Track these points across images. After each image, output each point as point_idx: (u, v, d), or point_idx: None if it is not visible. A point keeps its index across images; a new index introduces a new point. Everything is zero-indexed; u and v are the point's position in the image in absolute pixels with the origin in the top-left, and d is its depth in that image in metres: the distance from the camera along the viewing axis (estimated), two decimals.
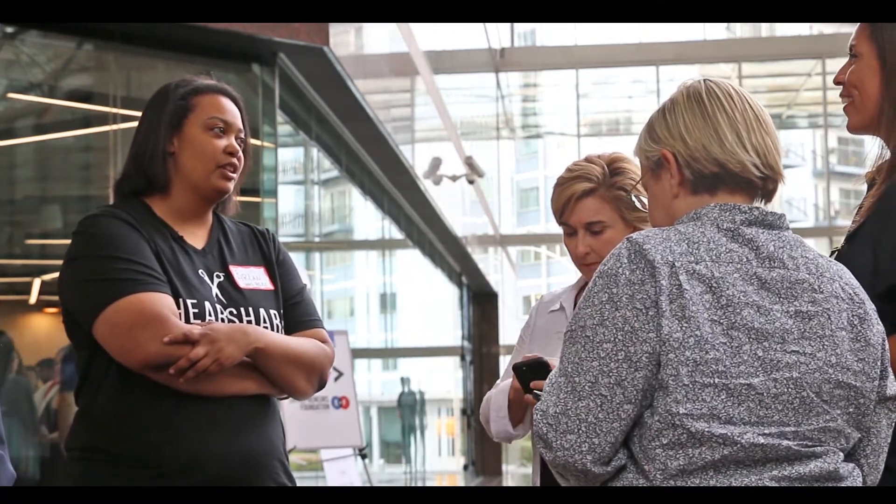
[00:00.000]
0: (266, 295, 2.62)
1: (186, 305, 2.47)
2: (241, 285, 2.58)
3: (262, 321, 2.56)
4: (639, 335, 1.79)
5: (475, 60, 19.76)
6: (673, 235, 1.86)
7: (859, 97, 2.35)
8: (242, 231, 2.73)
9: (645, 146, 1.99)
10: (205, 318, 2.47)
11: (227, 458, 2.44)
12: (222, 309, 2.52)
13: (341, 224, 14.57)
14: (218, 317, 2.49)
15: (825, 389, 1.83)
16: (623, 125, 25.38)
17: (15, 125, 8.21)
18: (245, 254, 2.67)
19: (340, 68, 8.02)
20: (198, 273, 2.55)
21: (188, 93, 2.64)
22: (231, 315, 2.52)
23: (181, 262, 2.54)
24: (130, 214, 2.55)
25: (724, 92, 1.95)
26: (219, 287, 2.56)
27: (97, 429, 2.48)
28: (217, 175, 2.59)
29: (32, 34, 7.12)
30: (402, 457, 19.82)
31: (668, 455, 1.79)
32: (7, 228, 8.31)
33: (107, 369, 2.49)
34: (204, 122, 2.60)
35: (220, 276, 2.58)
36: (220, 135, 2.60)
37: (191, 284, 2.51)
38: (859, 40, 2.36)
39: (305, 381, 2.56)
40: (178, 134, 2.61)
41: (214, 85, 2.67)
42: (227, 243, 2.66)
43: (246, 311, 2.55)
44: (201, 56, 7.46)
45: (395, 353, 20.30)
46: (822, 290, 1.87)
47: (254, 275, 2.63)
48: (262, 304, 2.58)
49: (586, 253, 2.66)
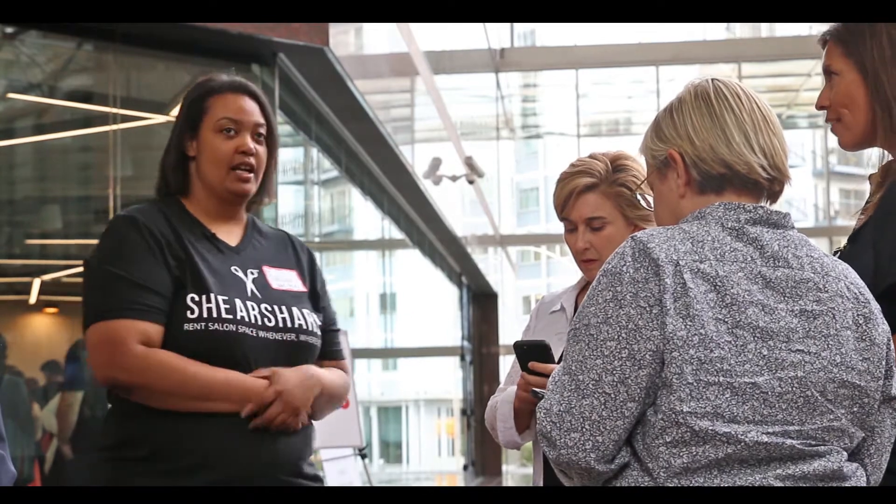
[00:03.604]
0: (298, 295, 2.64)
1: (217, 301, 2.50)
2: (274, 286, 2.61)
3: (297, 319, 2.59)
4: (642, 333, 1.79)
5: (475, 60, 19.76)
6: (677, 234, 1.85)
7: (849, 114, 2.33)
8: (277, 236, 2.76)
9: (651, 145, 1.99)
10: (236, 314, 2.50)
11: (237, 459, 2.46)
12: (255, 305, 2.54)
13: (341, 224, 14.57)
14: (250, 313, 2.52)
15: (829, 389, 1.83)
16: (623, 125, 25.39)
17: (15, 125, 8.21)
18: (277, 257, 2.69)
19: (340, 68, 8.02)
20: (231, 269, 2.58)
21: (203, 95, 2.65)
22: (267, 311, 2.54)
23: (214, 259, 2.57)
24: (163, 214, 2.59)
25: (733, 92, 1.94)
26: (254, 283, 2.59)
27: (122, 425, 2.54)
28: (231, 178, 2.61)
29: (32, 34, 7.12)
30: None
31: (672, 453, 1.79)
32: (7, 228, 8.31)
33: None
34: (215, 125, 2.62)
35: (254, 272, 2.60)
36: (231, 136, 2.61)
37: (223, 280, 2.54)
38: (833, 60, 2.34)
39: (328, 412, 2.68)
40: (196, 138, 2.63)
41: (229, 83, 2.67)
42: (261, 243, 2.69)
43: (280, 308, 2.57)
44: (201, 56, 7.46)
45: (395, 354, 20.31)
46: (827, 289, 1.87)
47: (286, 277, 2.66)
48: (295, 303, 2.61)
49: (585, 249, 2.67)
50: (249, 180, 2.63)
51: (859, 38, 2.30)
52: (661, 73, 21.74)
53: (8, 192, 8.38)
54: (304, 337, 2.60)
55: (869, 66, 2.29)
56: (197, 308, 2.49)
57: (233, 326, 2.50)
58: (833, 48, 2.34)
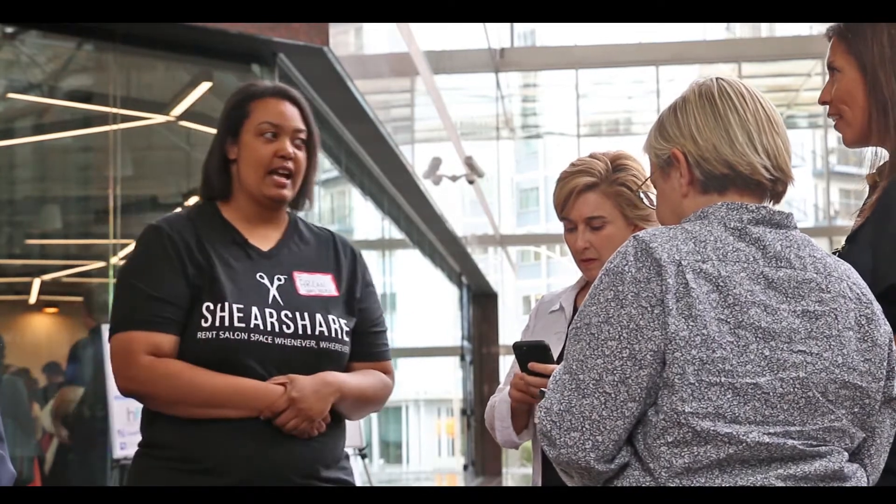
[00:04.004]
0: (326, 301, 2.65)
1: (231, 309, 2.51)
2: (301, 291, 2.62)
3: (319, 325, 2.59)
4: (644, 333, 1.79)
5: (475, 60, 19.76)
6: (679, 234, 1.85)
7: (849, 111, 2.34)
8: (321, 237, 2.77)
9: (655, 144, 1.98)
10: (249, 322, 2.52)
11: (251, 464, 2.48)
12: (275, 312, 2.55)
13: (341, 224, 14.56)
14: (266, 320, 2.53)
15: (831, 389, 1.83)
16: (623, 125, 25.39)
17: (15, 125, 8.21)
18: (314, 260, 2.70)
19: (340, 68, 8.02)
20: (255, 277, 2.59)
21: (244, 99, 2.69)
22: (286, 318, 2.55)
23: (240, 266, 2.60)
24: (192, 222, 2.63)
25: (737, 92, 1.94)
26: (278, 289, 2.60)
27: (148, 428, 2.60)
28: (269, 182, 2.64)
29: (32, 34, 7.12)
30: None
31: (673, 453, 1.78)
32: (7, 229, 8.31)
33: None
34: (255, 128, 2.65)
35: (281, 279, 2.62)
36: (270, 140, 2.64)
37: (243, 288, 2.56)
38: (835, 56, 2.34)
39: (363, 414, 2.72)
40: (237, 142, 2.66)
41: (271, 88, 2.71)
42: (298, 246, 2.71)
43: (301, 315, 2.58)
44: (201, 56, 7.46)
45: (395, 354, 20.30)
46: (830, 289, 1.87)
47: (318, 281, 2.67)
48: (319, 309, 2.61)
49: (585, 248, 2.67)
50: (286, 186, 2.65)
51: (861, 36, 2.30)
52: (661, 74, 21.75)
53: (8, 192, 8.38)
54: (325, 344, 2.59)
55: (868, 65, 2.29)
56: (211, 317, 2.51)
57: (244, 335, 2.51)
58: (836, 44, 2.34)
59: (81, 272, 8.61)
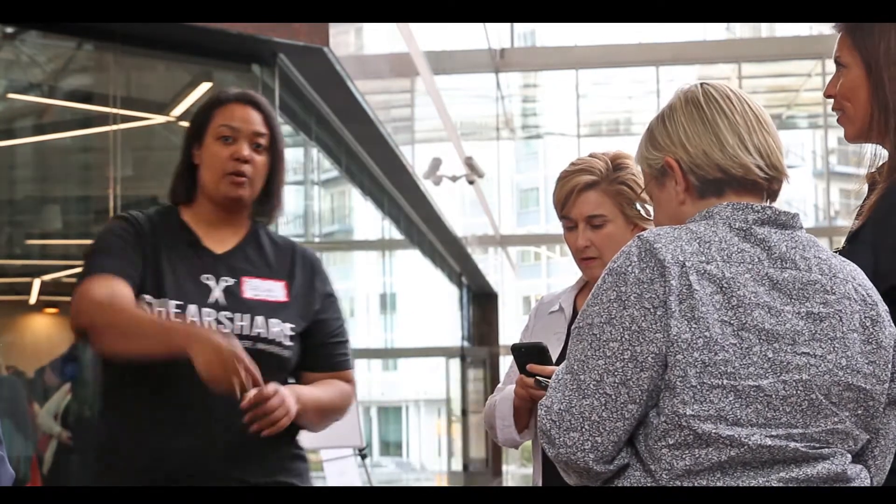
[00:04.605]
0: (273, 306, 2.66)
1: (168, 305, 2.56)
2: (246, 295, 2.64)
3: (257, 327, 2.61)
4: (646, 335, 1.78)
5: (475, 61, 19.76)
6: (684, 234, 1.84)
7: (851, 108, 2.33)
8: (280, 246, 2.79)
9: (647, 154, 1.98)
10: (185, 320, 2.55)
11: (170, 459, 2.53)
12: (213, 312, 2.59)
13: (341, 224, 14.57)
14: (203, 319, 2.57)
15: (834, 392, 1.82)
16: (623, 125, 25.39)
17: (15, 125, 8.21)
18: (268, 267, 2.72)
19: (340, 69, 8.02)
20: (200, 277, 2.63)
21: (209, 106, 2.74)
22: (225, 318, 2.59)
23: (186, 266, 2.64)
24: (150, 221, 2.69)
25: (723, 95, 1.94)
26: (224, 291, 2.63)
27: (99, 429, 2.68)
28: (225, 183, 2.67)
29: (32, 34, 7.12)
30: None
31: (675, 455, 1.78)
32: (7, 229, 8.31)
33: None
34: (215, 132, 2.69)
35: (228, 281, 2.65)
36: (229, 143, 2.68)
37: (184, 287, 2.60)
38: (842, 51, 2.33)
39: (325, 425, 2.75)
40: (200, 147, 2.71)
41: (234, 94, 2.75)
42: (254, 252, 2.73)
43: (242, 317, 2.61)
44: (201, 56, 7.46)
45: (395, 354, 20.31)
46: (835, 291, 1.86)
47: (267, 287, 2.69)
48: (263, 313, 2.63)
49: (586, 247, 2.67)
50: (242, 185, 2.68)
51: (868, 34, 2.29)
52: (661, 74, 21.74)
53: (8, 193, 8.38)
54: (263, 346, 2.61)
55: (873, 64, 2.29)
56: (148, 310, 2.54)
57: None
58: (844, 40, 2.34)
59: None
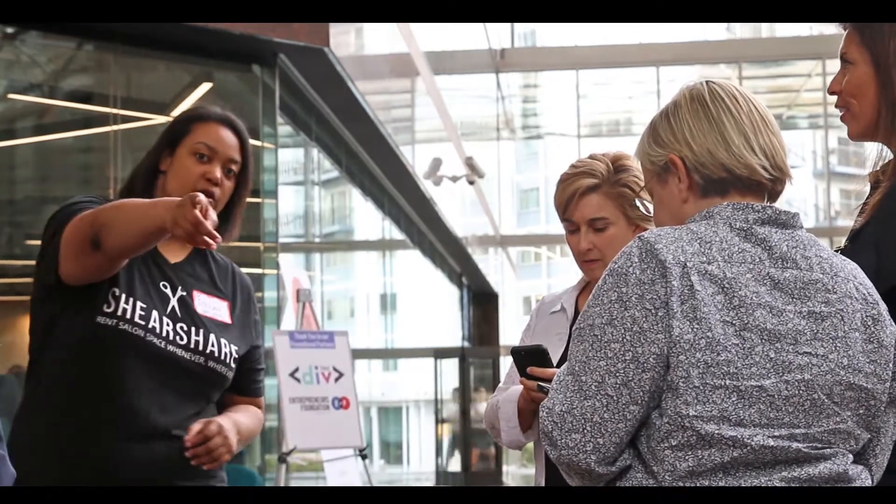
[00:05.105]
0: (221, 326, 2.68)
1: (135, 305, 2.54)
2: (198, 310, 2.65)
3: (211, 345, 2.62)
4: (647, 336, 1.78)
5: (475, 61, 19.75)
6: (685, 235, 1.84)
7: (857, 105, 2.31)
8: (221, 265, 2.80)
9: (650, 150, 1.97)
10: (148, 322, 2.54)
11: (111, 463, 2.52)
12: (171, 322, 2.58)
13: (341, 225, 14.57)
14: (163, 328, 2.56)
15: (836, 391, 1.82)
16: (623, 126, 25.37)
17: (15, 126, 8.21)
18: (214, 285, 2.73)
19: (340, 69, 8.02)
20: (159, 285, 2.62)
21: (190, 118, 2.72)
22: (181, 330, 2.59)
23: (145, 271, 2.62)
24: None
25: (729, 94, 1.93)
26: (178, 302, 2.63)
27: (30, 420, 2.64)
28: None
29: (33, 35, 7.12)
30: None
31: (677, 456, 1.78)
32: (7, 229, 8.31)
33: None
34: (191, 147, 2.67)
35: (181, 293, 2.65)
36: (202, 161, 2.66)
37: (147, 290, 2.59)
38: (849, 47, 2.32)
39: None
40: (171, 154, 2.69)
41: (217, 114, 2.73)
42: (201, 268, 2.74)
43: (196, 331, 2.61)
44: (201, 56, 7.46)
45: (396, 354, 20.30)
46: (836, 290, 1.86)
47: (214, 305, 2.70)
48: (214, 331, 2.65)
49: (588, 249, 2.66)
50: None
51: (877, 32, 2.27)
52: (661, 74, 21.73)
53: (8, 193, 8.38)
54: (213, 364, 2.62)
55: (882, 62, 2.27)
56: (114, 303, 2.53)
57: (142, 332, 2.53)
58: (852, 36, 2.31)
59: None
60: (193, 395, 2.61)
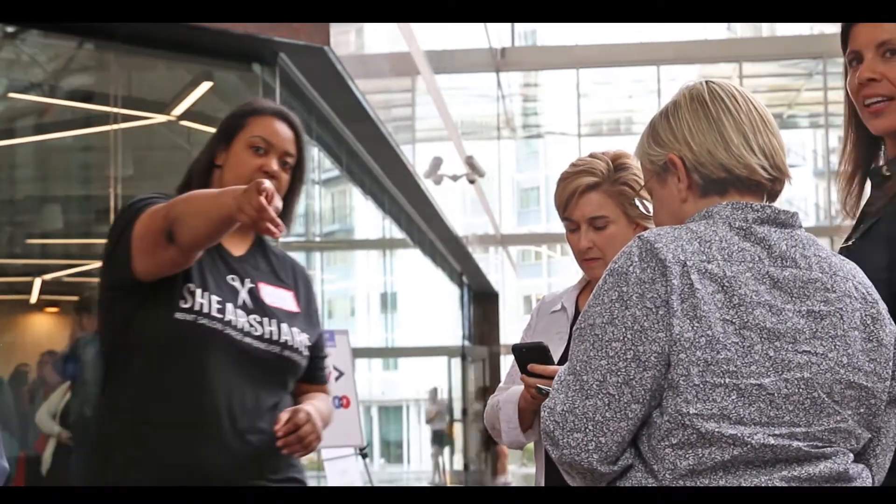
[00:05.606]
0: (290, 315, 2.70)
1: (210, 299, 2.55)
2: (266, 301, 2.66)
3: (284, 334, 2.64)
4: (648, 335, 1.78)
5: (476, 60, 19.75)
6: (685, 234, 1.84)
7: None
8: (281, 256, 2.83)
9: (649, 150, 1.97)
10: (225, 315, 2.55)
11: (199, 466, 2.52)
12: (245, 314, 2.59)
13: (342, 224, 14.56)
14: (238, 320, 2.57)
15: (836, 390, 1.82)
16: (624, 125, 25.38)
17: (15, 125, 8.21)
18: (276, 276, 2.75)
19: (341, 68, 8.02)
20: (227, 278, 2.63)
21: (245, 112, 2.74)
22: (255, 321, 2.60)
23: (212, 266, 2.63)
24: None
25: (728, 94, 1.93)
26: (248, 293, 2.64)
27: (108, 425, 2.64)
28: None
29: (33, 34, 7.12)
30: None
31: (678, 455, 1.78)
32: (7, 228, 8.31)
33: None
34: (247, 140, 2.69)
35: (249, 285, 2.66)
36: (259, 154, 2.68)
37: (218, 283, 2.60)
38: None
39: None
40: (227, 149, 2.71)
41: (273, 108, 2.76)
42: (263, 260, 2.75)
43: (269, 322, 2.63)
44: (201, 56, 7.46)
45: (396, 353, 20.31)
46: (835, 289, 1.86)
47: (280, 295, 2.72)
48: (285, 320, 2.67)
49: (589, 248, 2.66)
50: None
51: None
52: (662, 73, 21.73)
53: (9, 192, 8.39)
54: (289, 353, 2.65)
55: None
56: (190, 299, 2.53)
57: (220, 326, 2.54)
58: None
59: (82, 272, 8.61)
60: (271, 386, 2.62)
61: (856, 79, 2.24)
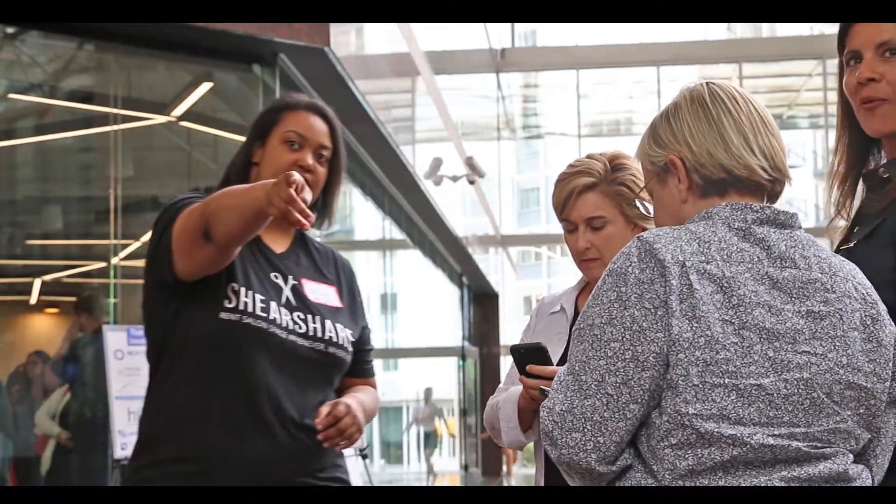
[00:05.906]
0: (333, 310, 2.70)
1: (254, 298, 2.55)
2: (310, 298, 2.66)
3: (328, 331, 2.64)
4: (647, 335, 1.78)
5: (476, 61, 19.77)
6: (684, 235, 1.84)
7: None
8: (322, 251, 2.83)
9: (650, 151, 1.97)
10: (269, 314, 2.55)
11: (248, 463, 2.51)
12: (288, 312, 2.59)
13: (342, 224, 14.56)
14: (283, 318, 2.57)
15: (836, 390, 1.82)
16: (624, 125, 25.39)
17: (15, 126, 8.21)
18: (319, 272, 2.76)
19: (341, 68, 8.02)
20: (270, 276, 2.63)
21: (279, 108, 2.74)
22: (299, 319, 2.60)
23: (255, 262, 2.63)
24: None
25: (729, 95, 1.93)
26: (291, 290, 2.64)
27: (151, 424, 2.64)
28: None
29: (33, 34, 7.12)
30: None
31: (677, 455, 1.78)
32: (7, 229, 8.32)
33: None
34: (282, 136, 2.69)
35: (292, 282, 2.66)
36: (294, 149, 2.69)
37: (262, 282, 2.60)
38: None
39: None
40: (263, 146, 2.71)
41: (306, 102, 2.76)
42: (305, 256, 2.76)
43: (313, 319, 2.63)
44: (201, 56, 7.46)
45: (396, 354, 20.30)
46: (835, 289, 1.86)
47: (323, 291, 2.72)
48: (328, 316, 2.67)
49: (586, 248, 2.66)
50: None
51: None
52: (662, 74, 21.75)
53: (9, 193, 8.39)
54: (333, 349, 2.65)
55: None
56: (235, 298, 2.53)
57: (265, 325, 2.54)
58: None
59: (82, 272, 8.62)
60: (316, 383, 2.63)
61: (854, 78, 2.24)
